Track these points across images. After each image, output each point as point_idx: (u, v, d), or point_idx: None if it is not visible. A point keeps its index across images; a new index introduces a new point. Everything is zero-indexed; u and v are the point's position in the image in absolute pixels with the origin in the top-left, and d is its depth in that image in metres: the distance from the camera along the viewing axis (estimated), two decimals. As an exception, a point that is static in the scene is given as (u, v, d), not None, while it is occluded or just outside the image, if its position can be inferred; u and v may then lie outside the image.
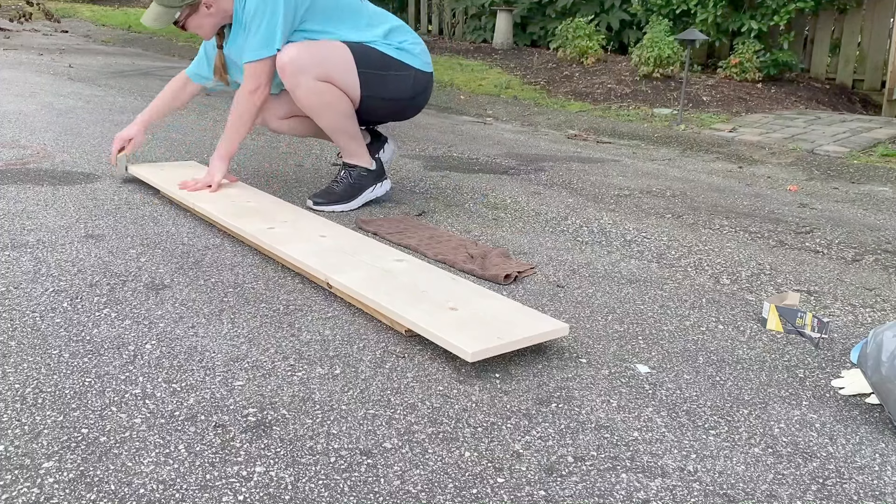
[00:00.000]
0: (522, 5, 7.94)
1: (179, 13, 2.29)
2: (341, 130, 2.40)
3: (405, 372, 1.41)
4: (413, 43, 2.43)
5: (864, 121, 5.05)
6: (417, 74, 2.43)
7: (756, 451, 1.22)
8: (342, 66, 2.29)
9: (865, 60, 6.20)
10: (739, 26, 6.12)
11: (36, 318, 1.54)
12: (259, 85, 2.28)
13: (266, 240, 1.95)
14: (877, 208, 3.03)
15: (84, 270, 1.82)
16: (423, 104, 2.55)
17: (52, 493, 1.01)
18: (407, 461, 1.13)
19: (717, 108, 5.48)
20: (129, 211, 2.33)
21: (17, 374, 1.31)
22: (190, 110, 4.42)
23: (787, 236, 2.53)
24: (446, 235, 2.26)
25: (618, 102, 5.78)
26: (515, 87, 6.44)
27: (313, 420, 1.22)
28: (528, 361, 1.48)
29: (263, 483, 1.06)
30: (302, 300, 1.72)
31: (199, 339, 1.49)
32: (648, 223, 2.60)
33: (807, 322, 1.67)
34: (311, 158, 3.33)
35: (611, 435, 1.24)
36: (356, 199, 2.51)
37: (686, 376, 1.46)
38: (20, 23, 9.73)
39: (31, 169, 2.76)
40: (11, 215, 2.20)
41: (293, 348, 1.48)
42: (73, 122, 3.78)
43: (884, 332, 1.31)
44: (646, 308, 1.81)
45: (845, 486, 1.13)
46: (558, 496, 1.07)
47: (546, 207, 2.74)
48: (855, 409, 1.37)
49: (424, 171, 3.25)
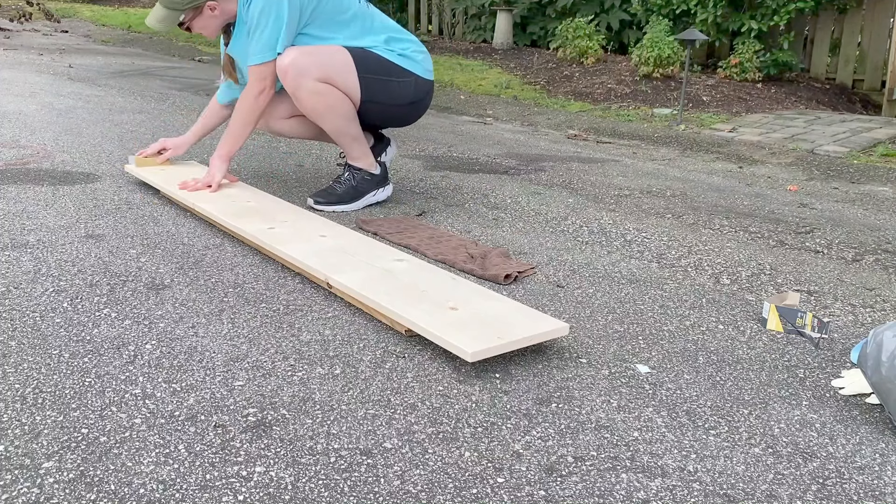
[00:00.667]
0: (522, 5, 7.94)
1: (184, 15, 2.30)
2: (344, 133, 2.41)
3: (405, 372, 1.41)
4: (415, 50, 2.43)
5: (864, 121, 5.05)
6: (419, 81, 2.44)
7: (756, 451, 1.22)
8: (343, 69, 2.29)
9: (865, 60, 6.20)
10: (739, 26, 6.12)
11: (36, 318, 1.54)
12: (264, 88, 2.28)
13: (266, 240, 1.95)
14: (877, 208, 3.03)
15: (84, 270, 1.82)
16: (422, 111, 2.56)
17: (52, 493, 1.01)
18: (407, 461, 1.13)
19: (717, 108, 5.49)
20: (129, 211, 2.33)
21: (17, 374, 1.31)
22: (190, 110, 4.43)
23: (787, 236, 2.53)
24: (446, 235, 2.26)
25: (618, 102, 5.78)
26: (515, 87, 6.44)
27: (313, 420, 1.22)
28: (528, 361, 1.48)
29: (263, 483, 1.06)
30: (302, 300, 1.72)
31: (199, 339, 1.49)
32: (648, 223, 2.60)
33: (807, 322, 1.67)
34: (311, 159, 3.33)
35: (611, 435, 1.24)
36: (357, 202, 2.51)
37: (686, 376, 1.46)
38: (20, 23, 9.74)
39: (31, 169, 2.76)
40: (11, 215, 2.20)
41: (293, 348, 1.48)
42: (73, 122, 3.78)
43: (884, 332, 1.31)
44: (646, 308, 1.81)
45: (845, 486, 1.13)
46: (558, 496, 1.07)
47: (546, 207, 2.74)
48: (855, 409, 1.37)
49: (424, 171, 3.25)
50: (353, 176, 2.50)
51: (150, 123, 3.90)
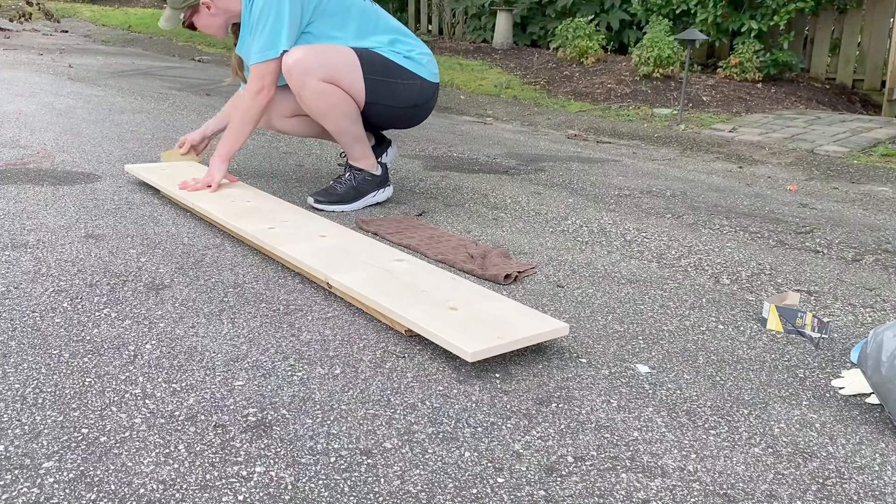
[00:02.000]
0: (522, 5, 7.94)
1: (183, 14, 2.37)
2: (347, 133, 2.41)
3: (405, 372, 1.41)
4: (421, 53, 2.43)
5: (864, 121, 5.05)
6: (424, 84, 2.43)
7: (756, 451, 1.22)
8: (348, 69, 2.30)
9: (865, 60, 6.20)
10: (739, 26, 6.12)
11: (36, 318, 1.54)
12: (264, 86, 2.28)
13: (266, 240, 1.95)
14: (877, 208, 3.03)
15: (84, 270, 1.82)
16: (426, 114, 2.56)
17: (52, 493, 1.01)
18: (407, 461, 1.13)
19: (717, 108, 5.49)
20: (129, 211, 2.33)
21: (17, 374, 1.31)
22: (190, 110, 4.43)
23: (787, 236, 2.53)
24: (446, 235, 2.26)
25: (618, 102, 5.78)
26: (515, 87, 6.44)
27: (313, 420, 1.22)
28: (528, 361, 1.48)
29: (263, 483, 1.06)
30: (302, 300, 1.72)
31: (200, 339, 1.49)
32: (648, 223, 2.60)
33: (807, 322, 1.67)
34: (312, 158, 3.33)
35: (611, 435, 1.24)
36: (357, 202, 2.51)
37: (686, 376, 1.46)
38: (20, 23, 9.73)
39: (31, 169, 2.76)
40: (11, 215, 2.20)
41: (293, 348, 1.48)
42: (73, 122, 3.78)
43: (884, 332, 1.31)
44: (646, 308, 1.81)
45: (845, 486, 1.13)
46: (558, 496, 1.07)
47: (546, 207, 2.74)
48: (855, 409, 1.37)
49: (424, 171, 3.25)
50: (354, 176, 2.50)
51: (150, 123, 3.90)
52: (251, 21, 2.27)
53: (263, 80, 2.28)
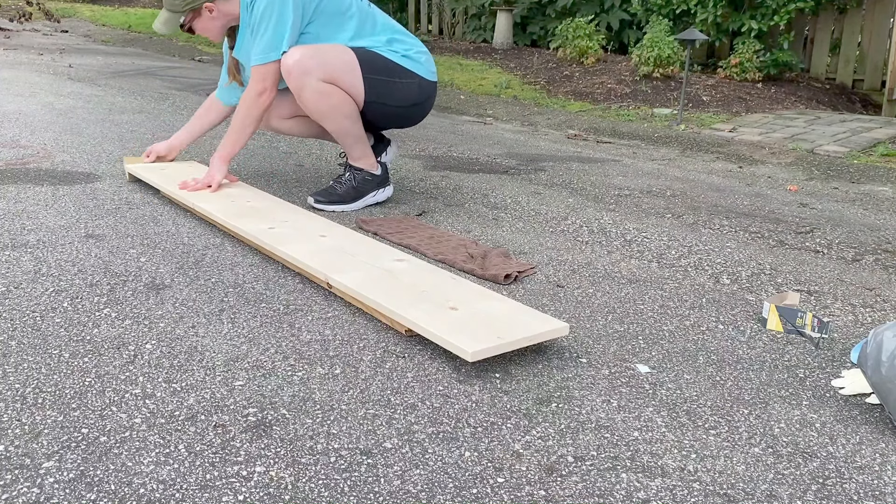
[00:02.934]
0: (522, 5, 7.94)
1: (184, 17, 2.34)
2: (347, 133, 2.41)
3: (405, 372, 1.41)
4: (419, 52, 2.44)
5: (864, 121, 5.05)
6: (422, 82, 2.44)
7: (756, 451, 1.22)
8: (347, 69, 2.29)
9: (865, 60, 6.20)
10: (739, 26, 6.12)
11: (36, 318, 1.54)
12: (265, 88, 2.28)
13: (266, 240, 1.95)
14: (877, 208, 3.03)
15: (84, 270, 1.82)
16: (426, 113, 2.56)
17: (52, 493, 1.01)
18: (407, 461, 1.13)
19: (717, 108, 5.49)
20: (129, 211, 2.33)
21: (17, 374, 1.31)
22: (190, 110, 4.42)
23: (787, 236, 2.53)
24: (446, 235, 2.26)
25: (618, 102, 5.78)
26: (515, 87, 6.44)
27: (313, 420, 1.22)
28: (528, 361, 1.48)
29: (263, 483, 1.06)
30: (302, 300, 1.72)
31: (200, 339, 1.49)
32: (648, 223, 2.60)
33: (807, 322, 1.67)
34: (311, 158, 3.33)
35: (611, 435, 1.24)
36: (357, 202, 2.51)
37: (686, 376, 1.46)
38: (20, 23, 9.74)
39: (31, 169, 2.76)
40: (11, 215, 2.20)
41: (293, 348, 1.48)
42: (73, 122, 3.78)
43: (884, 332, 1.31)
44: (646, 308, 1.81)
45: (845, 486, 1.13)
46: (558, 496, 1.07)
47: (546, 207, 2.74)
48: (855, 409, 1.37)
49: (424, 171, 3.25)
50: (354, 176, 2.50)
51: (150, 123, 3.90)
52: (252, 22, 2.26)
53: (265, 81, 2.28)
